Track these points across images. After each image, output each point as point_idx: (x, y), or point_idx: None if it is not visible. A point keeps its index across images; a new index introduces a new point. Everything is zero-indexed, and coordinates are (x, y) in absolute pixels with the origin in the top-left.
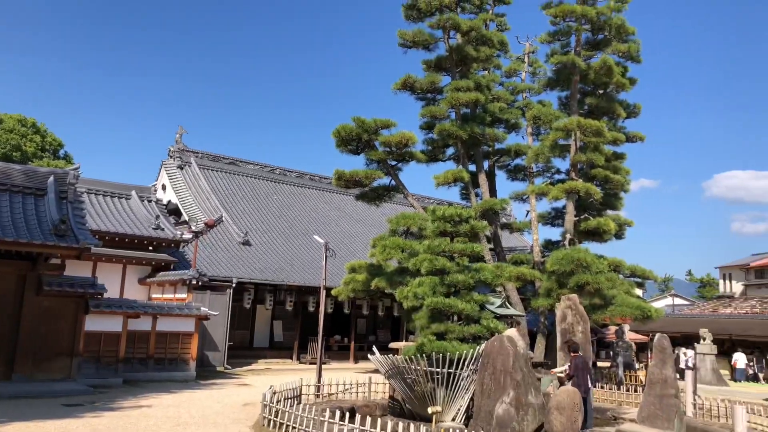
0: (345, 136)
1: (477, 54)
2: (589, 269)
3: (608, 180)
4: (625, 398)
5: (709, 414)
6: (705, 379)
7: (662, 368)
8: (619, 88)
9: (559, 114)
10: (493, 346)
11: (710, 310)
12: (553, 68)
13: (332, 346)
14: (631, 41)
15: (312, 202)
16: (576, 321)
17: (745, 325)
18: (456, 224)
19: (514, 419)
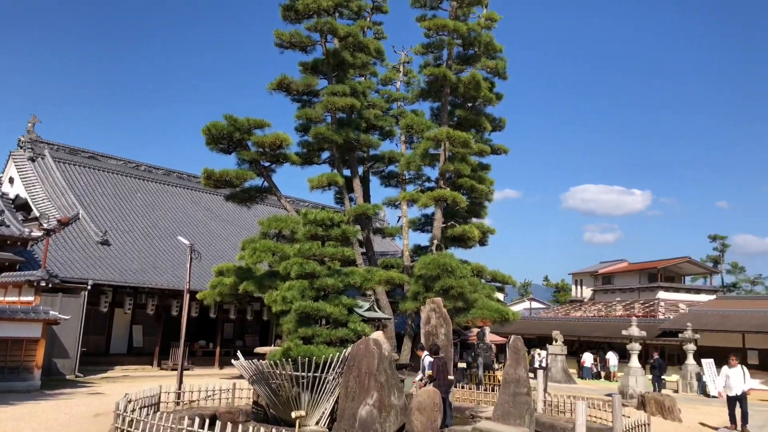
0: (216, 134)
1: (354, 60)
2: (453, 274)
3: (474, 189)
4: (483, 397)
5: (557, 410)
6: (556, 378)
7: (516, 368)
8: (487, 103)
9: (430, 124)
10: (359, 348)
11: (563, 313)
12: (426, 79)
13: (196, 351)
14: (498, 58)
15: (179, 201)
16: (439, 323)
17: (591, 327)
18: (328, 228)
19: (377, 420)
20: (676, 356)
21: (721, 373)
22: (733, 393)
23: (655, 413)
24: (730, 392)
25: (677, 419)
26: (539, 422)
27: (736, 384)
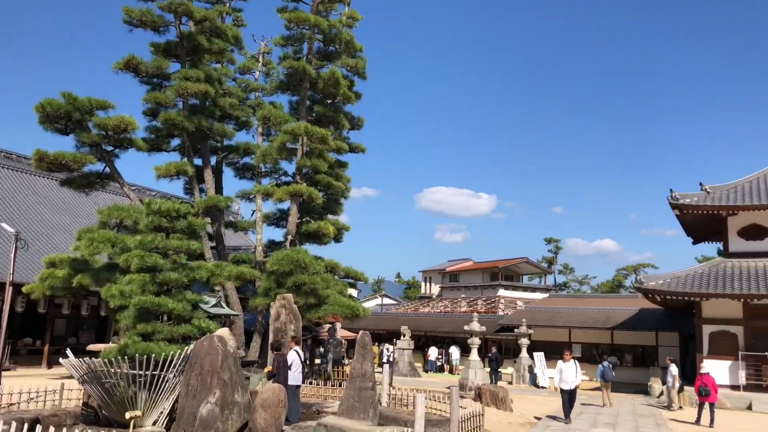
0: (51, 112)
1: (210, 45)
2: (307, 270)
3: (331, 186)
4: (330, 393)
5: (401, 403)
6: (402, 372)
7: (362, 363)
8: (346, 101)
9: (288, 117)
10: (202, 345)
11: (412, 309)
12: (285, 72)
13: (20, 349)
14: (359, 57)
15: (6, 184)
16: (289, 320)
17: (438, 323)
18: (173, 219)
19: (219, 419)
20: (512, 350)
21: (557, 367)
22: (567, 387)
23: (489, 404)
24: (564, 386)
25: (509, 409)
26: (383, 415)
27: (569, 377)
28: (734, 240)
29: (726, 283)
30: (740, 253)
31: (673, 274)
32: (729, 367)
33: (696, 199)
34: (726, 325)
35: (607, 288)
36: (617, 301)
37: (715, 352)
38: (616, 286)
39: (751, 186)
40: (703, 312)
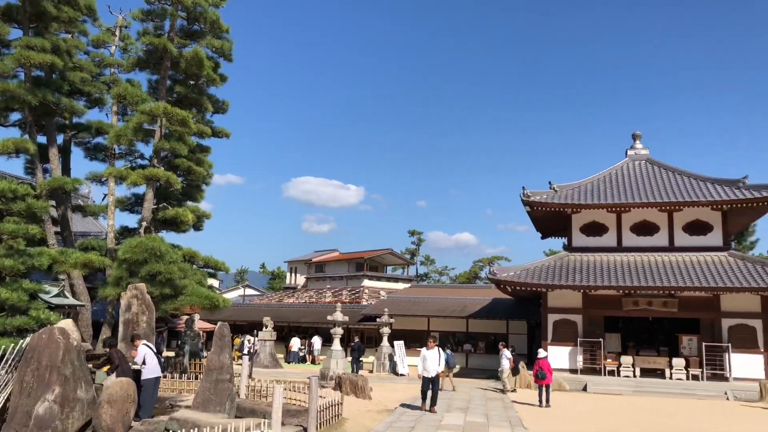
0: None
1: (58, 13)
2: (162, 259)
3: (191, 171)
4: (186, 386)
5: (259, 395)
6: (264, 363)
7: (220, 355)
8: (210, 83)
9: (146, 97)
10: (40, 338)
11: (276, 300)
12: (144, 48)
13: None
14: (225, 39)
15: None
16: (141, 311)
17: (302, 313)
18: (9, 201)
19: (57, 417)
20: (374, 339)
21: (420, 355)
22: (429, 375)
23: (349, 393)
24: (426, 374)
25: (367, 397)
26: (241, 408)
27: (432, 365)
28: (577, 236)
29: (569, 275)
30: (582, 248)
31: (523, 266)
32: (569, 352)
33: (545, 197)
34: (568, 314)
35: (464, 279)
36: (473, 292)
37: (558, 339)
38: (472, 277)
39: (593, 186)
40: (548, 302)
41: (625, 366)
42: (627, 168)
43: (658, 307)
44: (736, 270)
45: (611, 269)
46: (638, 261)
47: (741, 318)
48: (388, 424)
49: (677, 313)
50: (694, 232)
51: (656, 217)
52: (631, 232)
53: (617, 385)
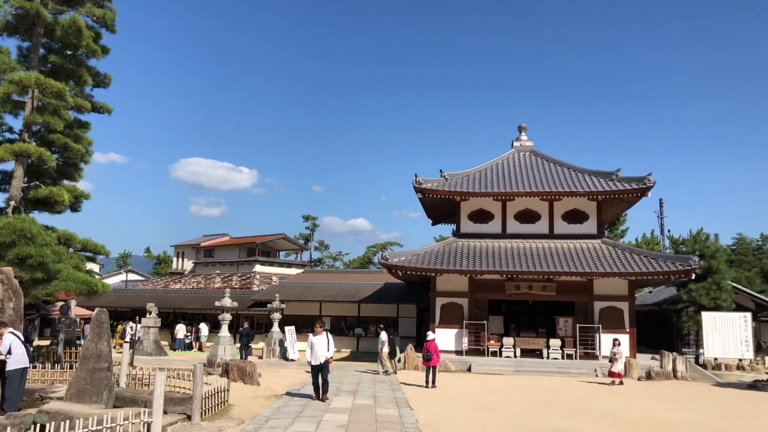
0: None
1: None
2: (33, 241)
3: (68, 148)
4: (59, 376)
5: (141, 383)
6: (147, 351)
7: (98, 342)
8: (91, 54)
9: (16, 65)
10: None
11: (162, 285)
12: (13, 12)
13: None
14: (108, 8)
15: None
16: (8, 297)
17: (188, 299)
18: None
19: None
20: (264, 325)
21: (308, 341)
22: (317, 362)
23: (237, 379)
24: (314, 361)
25: (256, 383)
26: (121, 397)
27: (321, 351)
28: (465, 222)
29: (456, 260)
30: (470, 234)
31: (414, 251)
32: (455, 334)
33: (436, 185)
34: (455, 298)
35: (357, 264)
36: (366, 276)
37: (445, 322)
38: (366, 263)
39: (481, 175)
40: (437, 286)
41: (506, 347)
42: (513, 159)
43: (538, 291)
44: (608, 256)
45: (496, 255)
46: (521, 247)
47: (611, 301)
48: (276, 409)
49: (555, 297)
50: (572, 221)
51: (538, 206)
52: (515, 219)
53: (499, 365)
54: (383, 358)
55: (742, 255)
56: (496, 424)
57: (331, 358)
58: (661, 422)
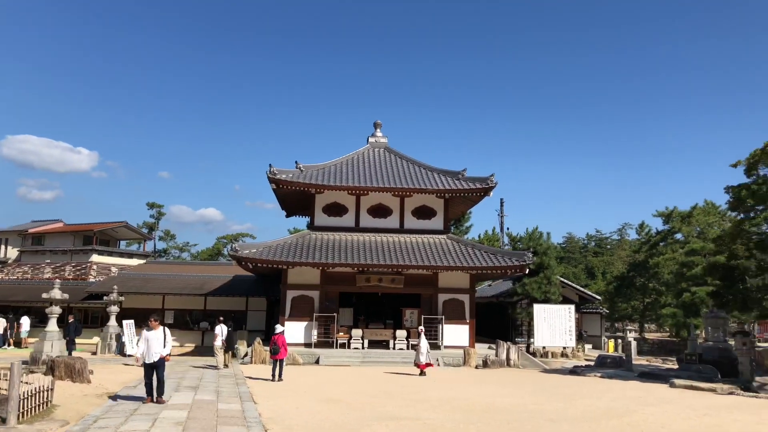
0: None
1: None
2: None
3: None
4: None
5: None
6: None
7: None
8: None
9: None
10: None
11: None
12: None
13: None
14: None
15: None
16: None
17: (11, 291)
18: None
19: None
20: (100, 318)
21: (142, 336)
22: (151, 360)
23: (64, 377)
24: (148, 359)
25: (86, 381)
26: None
27: (155, 348)
28: (319, 215)
29: (309, 253)
30: (324, 227)
31: (265, 243)
32: (305, 327)
33: (291, 176)
34: (306, 290)
35: (206, 255)
36: (214, 269)
37: (295, 315)
38: (215, 254)
39: (337, 169)
40: (288, 279)
41: (355, 338)
42: (367, 154)
43: (387, 284)
44: (452, 251)
45: (348, 248)
46: (373, 241)
47: (454, 293)
48: (107, 407)
49: (403, 289)
50: (421, 217)
51: (390, 202)
52: (368, 214)
53: (347, 356)
54: (217, 352)
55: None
56: (340, 414)
57: (167, 355)
58: (494, 407)
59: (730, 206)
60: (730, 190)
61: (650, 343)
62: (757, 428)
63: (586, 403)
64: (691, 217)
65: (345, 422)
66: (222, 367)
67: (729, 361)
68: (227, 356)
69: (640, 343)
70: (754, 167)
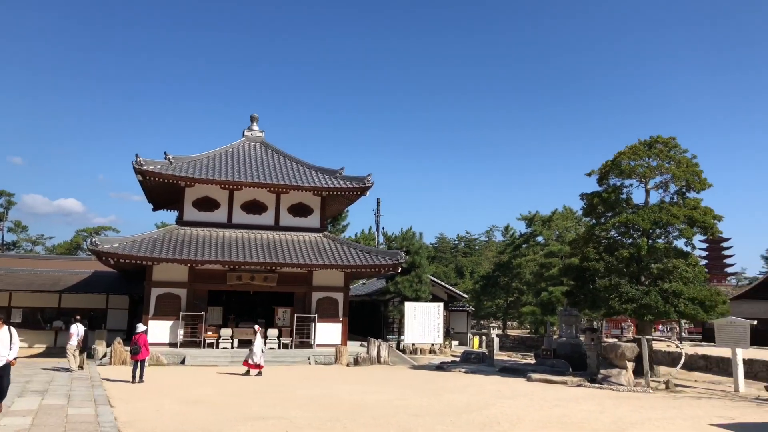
0: None
1: None
2: None
3: None
4: None
5: None
6: None
7: None
8: None
9: None
10: None
11: None
12: None
13: None
14: None
15: None
16: None
17: None
18: None
19: None
20: None
21: None
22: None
23: None
24: None
25: None
26: None
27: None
28: (189, 210)
29: (177, 249)
30: (194, 222)
31: (129, 237)
32: (171, 326)
33: (159, 167)
34: (173, 288)
35: (63, 249)
36: (72, 264)
37: (161, 313)
38: (74, 248)
39: (209, 162)
40: (153, 275)
41: (224, 338)
42: (243, 148)
43: (260, 282)
44: (328, 249)
45: (219, 244)
46: (246, 238)
47: (328, 292)
48: None
49: (277, 288)
50: (297, 214)
51: (265, 198)
52: (242, 209)
53: (215, 356)
54: (70, 352)
55: (441, 252)
56: (203, 415)
57: (14, 359)
58: (361, 403)
59: (584, 212)
60: (584, 197)
61: (512, 339)
62: (599, 416)
63: (449, 398)
64: (551, 222)
65: (208, 424)
66: (76, 368)
67: (579, 356)
68: (83, 357)
69: (503, 340)
70: (606, 177)
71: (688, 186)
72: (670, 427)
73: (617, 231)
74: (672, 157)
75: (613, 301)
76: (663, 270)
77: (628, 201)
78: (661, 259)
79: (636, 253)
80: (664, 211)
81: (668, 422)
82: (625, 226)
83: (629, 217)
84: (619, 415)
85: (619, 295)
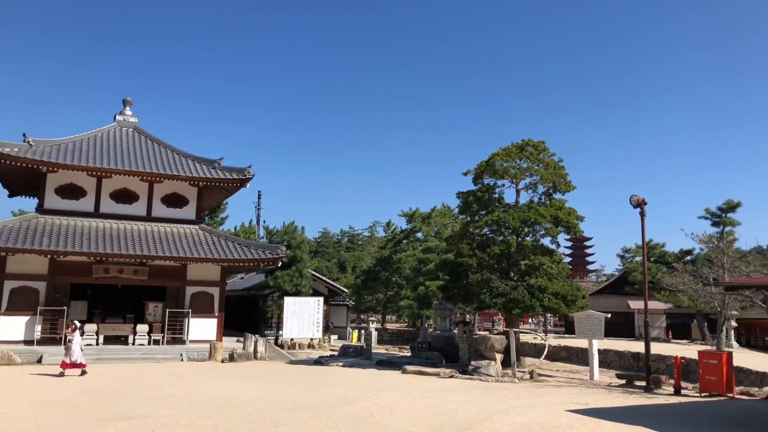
0: None
1: None
2: None
3: None
4: None
5: None
6: None
7: None
8: None
9: None
10: None
11: None
12: None
13: None
14: None
15: None
16: None
17: None
18: None
19: None
20: None
21: None
22: None
23: None
24: None
25: None
26: None
27: None
28: (51, 197)
29: (36, 238)
30: (56, 211)
31: None
32: (27, 322)
33: (17, 150)
34: (30, 281)
35: None
36: None
37: (14, 308)
38: None
39: (75, 146)
40: (7, 267)
41: (88, 334)
42: (114, 133)
43: (129, 275)
44: (204, 242)
45: (85, 235)
46: (115, 228)
47: (203, 286)
48: None
49: (147, 281)
50: (172, 204)
51: (137, 186)
52: (110, 198)
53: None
54: None
55: (324, 247)
56: (60, 417)
57: None
58: (235, 400)
59: (460, 210)
60: (460, 196)
61: (391, 332)
62: (467, 406)
63: (325, 392)
64: (431, 218)
65: (64, 426)
66: None
67: (452, 348)
68: None
69: (382, 333)
70: (481, 176)
71: (555, 187)
72: (530, 414)
73: (490, 228)
74: (541, 159)
75: (485, 296)
76: (530, 266)
77: (501, 200)
78: (529, 256)
79: (506, 249)
80: (533, 211)
81: (530, 410)
82: (497, 224)
83: (501, 215)
84: (486, 404)
85: (490, 290)
